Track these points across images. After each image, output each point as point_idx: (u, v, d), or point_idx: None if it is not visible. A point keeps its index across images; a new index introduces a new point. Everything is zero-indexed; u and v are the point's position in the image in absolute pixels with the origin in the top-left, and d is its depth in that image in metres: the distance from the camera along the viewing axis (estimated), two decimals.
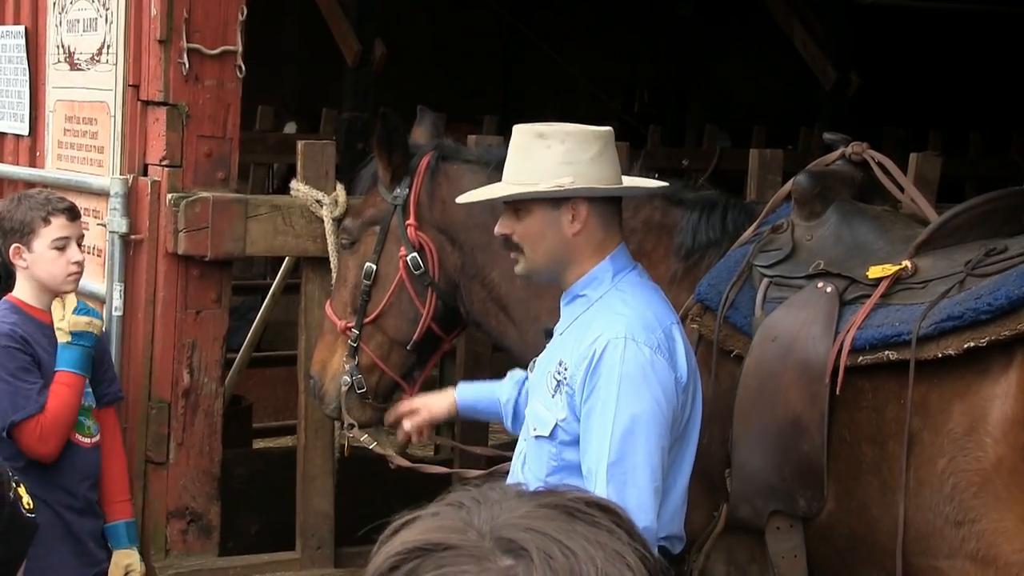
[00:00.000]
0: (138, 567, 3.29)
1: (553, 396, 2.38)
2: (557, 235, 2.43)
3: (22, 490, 2.01)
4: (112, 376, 3.39)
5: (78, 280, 3.23)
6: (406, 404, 3.05)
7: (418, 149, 3.26)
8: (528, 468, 2.45)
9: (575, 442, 2.36)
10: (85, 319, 3.20)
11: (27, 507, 1.99)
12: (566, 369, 2.36)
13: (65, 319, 3.18)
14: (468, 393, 2.96)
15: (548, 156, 2.42)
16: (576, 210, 2.41)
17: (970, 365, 2.45)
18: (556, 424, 2.37)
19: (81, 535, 3.20)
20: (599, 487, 2.28)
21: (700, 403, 2.46)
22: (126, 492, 3.34)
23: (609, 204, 2.46)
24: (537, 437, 2.41)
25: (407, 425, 2.98)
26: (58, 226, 3.14)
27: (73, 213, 3.20)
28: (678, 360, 2.36)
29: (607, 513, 1.06)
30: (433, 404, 2.98)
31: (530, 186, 2.42)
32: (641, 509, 2.27)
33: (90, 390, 3.27)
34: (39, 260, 3.14)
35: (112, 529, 3.28)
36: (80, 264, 3.19)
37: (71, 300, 3.22)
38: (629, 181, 2.55)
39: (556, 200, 2.42)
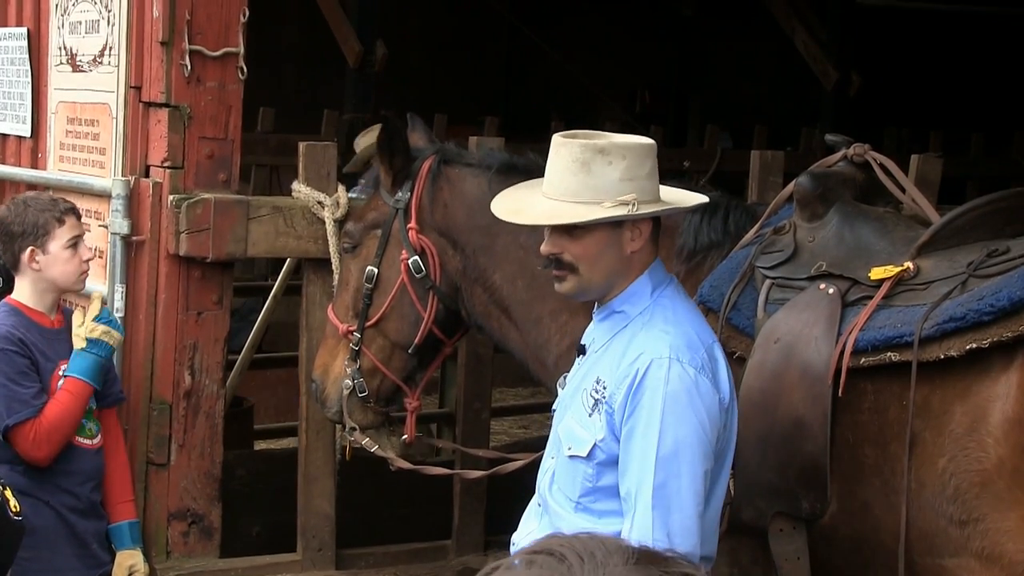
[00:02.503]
0: (142, 567, 3.29)
1: (591, 415, 2.29)
2: (617, 253, 2.34)
3: (8, 493, 2.00)
4: (114, 377, 3.39)
5: (86, 278, 3.27)
6: None
7: (420, 153, 3.26)
8: (558, 487, 2.35)
9: (613, 463, 2.27)
10: (102, 328, 3.21)
11: (14, 510, 1.98)
12: (605, 388, 2.28)
13: (84, 324, 3.20)
14: None
15: (609, 172, 2.31)
16: (638, 228, 2.33)
17: (972, 366, 2.45)
18: (595, 444, 2.28)
19: (85, 537, 3.20)
20: (641, 510, 2.21)
21: (736, 423, 2.39)
22: (129, 493, 3.34)
23: (655, 221, 2.39)
24: (572, 457, 2.32)
25: None
26: (70, 226, 3.19)
27: (78, 213, 3.25)
28: (721, 381, 2.30)
29: None
30: None
31: (593, 205, 2.30)
32: (685, 534, 2.21)
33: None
34: (55, 261, 3.17)
35: (115, 530, 3.28)
36: (88, 262, 3.24)
37: (95, 307, 3.25)
38: (667, 193, 2.48)
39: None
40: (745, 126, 8.79)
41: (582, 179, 2.31)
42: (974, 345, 2.42)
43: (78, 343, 3.19)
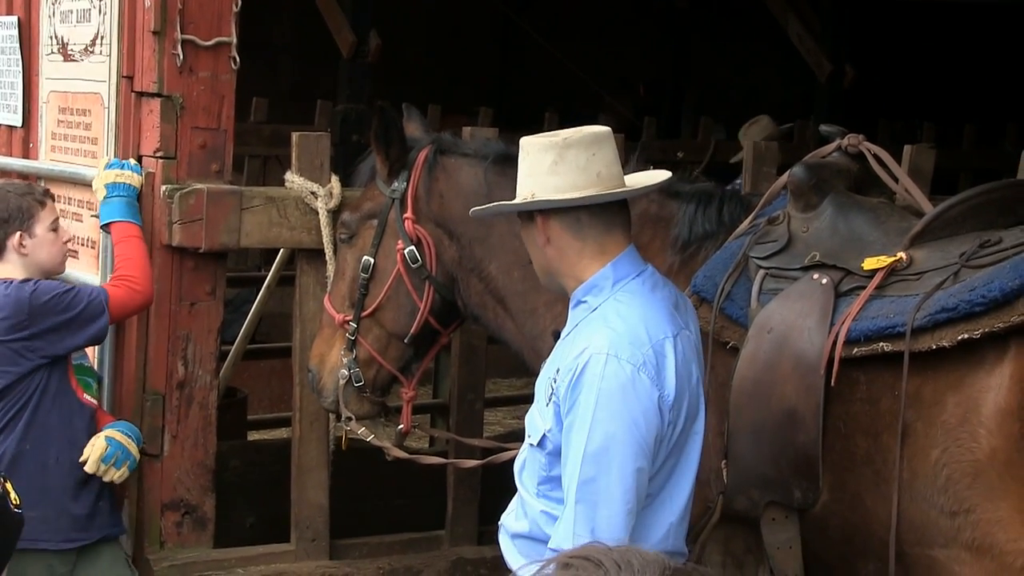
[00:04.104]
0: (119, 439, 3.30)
1: (547, 405, 2.32)
2: (536, 249, 2.39)
3: (9, 486, 2.00)
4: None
5: (66, 260, 3.38)
6: None
7: (416, 143, 3.26)
8: (526, 474, 2.40)
9: (559, 453, 2.29)
10: (115, 172, 3.40)
11: (15, 503, 1.99)
12: (556, 381, 2.30)
13: (99, 176, 3.41)
14: None
15: (520, 171, 2.39)
16: (546, 223, 2.34)
17: (964, 357, 2.45)
18: (544, 434, 2.31)
19: (85, 499, 3.26)
20: (568, 503, 2.22)
21: (702, 419, 2.37)
22: (110, 419, 3.42)
23: (592, 211, 2.33)
24: (531, 445, 2.36)
25: None
26: (50, 209, 3.30)
27: (52, 196, 3.40)
28: (666, 377, 2.26)
29: None
30: None
31: (507, 202, 2.43)
32: (610, 530, 2.19)
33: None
34: (41, 244, 3.25)
35: (114, 423, 3.34)
36: (68, 243, 3.38)
37: (103, 163, 3.46)
38: (633, 180, 2.46)
39: (530, 216, 2.37)
40: (739, 118, 8.79)
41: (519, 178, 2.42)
42: (966, 336, 2.42)
43: (100, 195, 3.39)
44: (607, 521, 2.20)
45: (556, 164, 2.32)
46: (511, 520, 2.43)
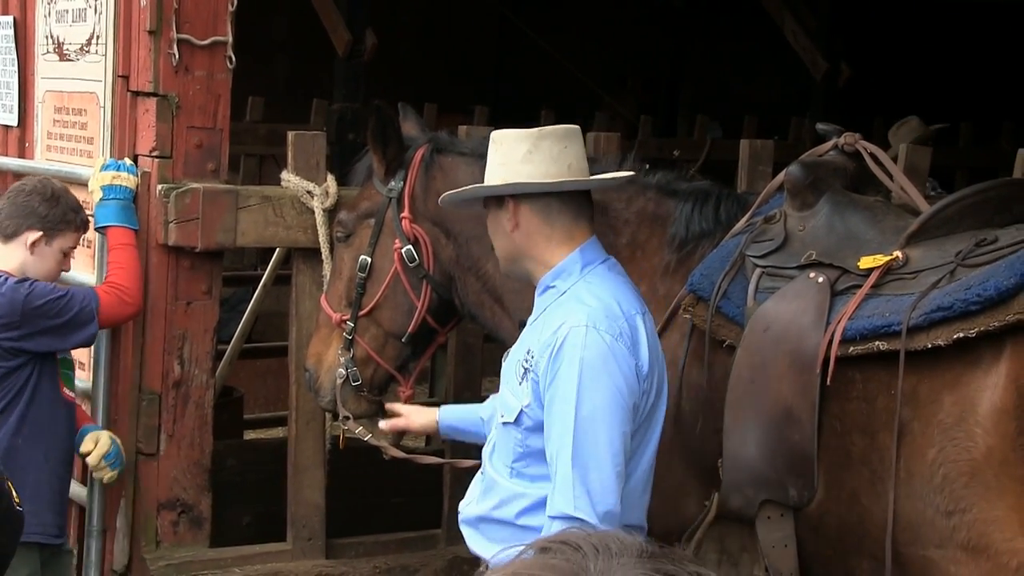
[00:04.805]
0: (106, 440, 3.32)
1: (520, 383, 2.43)
2: (503, 234, 2.53)
3: (11, 485, 2.01)
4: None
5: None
6: (396, 407, 3.07)
7: (412, 142, 3.26)
8: (496, 455, 2.50)
9: (539, 428, 2.40)
10: (111, 174, 3.39)
11: (17, 501, 1.99)
12: (532, 356, 2.41)
13: (94, 178, 3.39)
14: (451, 414, 2.98)
15: (491, 161, 2.55)
16: (517, 208, 2.49)
17: (960, 356, 2.45)
18: (521, 410, 2.42)
19: (64, 494, 3.28)
20: (562, 470, 2.33)
21: (665, 396, 2.50)
22: (88, 419, 3.44)
23: (562, 199, 2.50)
24: (504, 424, 2.46)
25: (382, 424, 3.02)
26: (76, 237, 3.30)
27: (87, 228, 3.38)
28: (640, 349, 2.40)
29: None
30: (415, 416, 3.00)
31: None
32: (604, 492, 2.33)
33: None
34: (47, 257, 3.24)
35: (84, 429, 3.36)
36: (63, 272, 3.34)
37: (98, 164, 3.44)
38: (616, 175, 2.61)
39: (500, 201, 2.52)
40: (735, 116, 8.79)
41: (487, 169, 2.57)
42: (961, 334, 2.42)
43: (96, 197, 3.38)
44: (600, 484, 2.32)
45: (531, 153, 2.49)
46: (473, 506, 2.53)
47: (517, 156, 2.49)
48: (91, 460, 3.25)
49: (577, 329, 2.35)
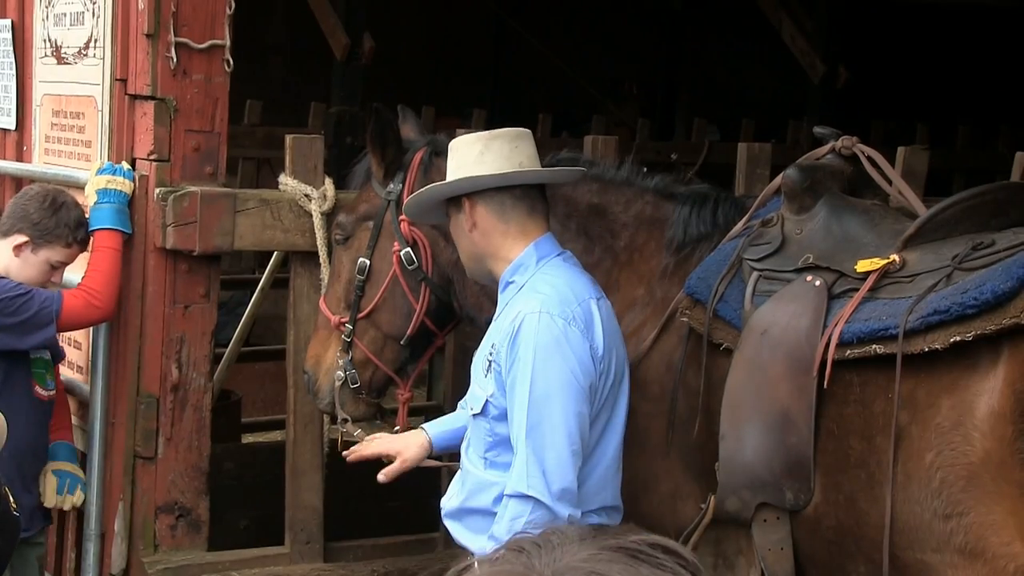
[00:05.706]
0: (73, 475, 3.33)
1: (486, 376, 2.53)
2: (464, 236, 2.65)
3: (7, 489, 2.01)
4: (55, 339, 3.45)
5: None
6: (384, 445, 2.93)
7: (411, 145, 3.26)
8: (471, 449, 2.58)
9: (504, 416, 2.48)
10: (106, 177, 3.38)
11: (14, 506, 2.00)
12: (495, 349, 2.52)
13: (90, 182, 3.38)
14: (439, 431, 2.93)
15: (449, 166, 2.66)
16: (473, 208, 2.60)
17: (957, 359, 2.45)
18: (487, 400, 2.51)
19: (29, 479, 3.29)
20: (519, 450, 2.41)
21: (627, 377, 2.60)
22: (66, 421, 3.46)
23: (515, 196, 2.60)
24: (474, 416, 2.55)
25: (381, 478, 2.91)
26: (68, 253, 3.28)
27: (86, 247, 3.34)
28: (595, 332, 2.50)
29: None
30: (408, 452, 2.88)
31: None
32: (560, 471, 2.40)
33: (52, 350, 3.35)
34: (29, 263, 3.24)
35: (54, 446, 3.37)
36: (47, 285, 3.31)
37: (96, 166, 3.43)
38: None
39: (459, 205, 2.62)
40: (732, 119, 8.79)
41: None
42: (958, 338, 2.42)
43: (90, 200, 3.37)
44: (555, 463, 2.40)
45: (482, 154, 2.60)
46: (453, 499, 2.60)
47: (470, 158, 2.61)
48: (48, 503, 3.30)
49: (531, 316, 2.46)
